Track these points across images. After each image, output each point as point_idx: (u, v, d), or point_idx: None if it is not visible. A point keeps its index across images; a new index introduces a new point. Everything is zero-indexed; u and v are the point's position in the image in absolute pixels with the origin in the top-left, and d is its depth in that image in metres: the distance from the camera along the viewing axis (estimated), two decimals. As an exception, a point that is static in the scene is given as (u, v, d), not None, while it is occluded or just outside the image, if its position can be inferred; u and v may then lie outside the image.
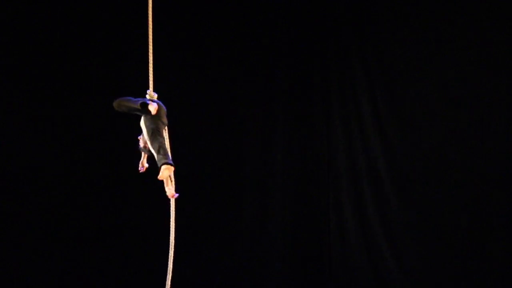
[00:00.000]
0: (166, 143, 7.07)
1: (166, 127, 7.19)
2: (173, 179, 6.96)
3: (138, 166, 7.44)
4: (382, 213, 10.20)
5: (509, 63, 9.75)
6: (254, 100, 10.56)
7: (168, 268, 7.29)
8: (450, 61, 10.01)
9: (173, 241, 7.28)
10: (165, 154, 6.85)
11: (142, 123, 7.21)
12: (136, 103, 7.03)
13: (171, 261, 7.28)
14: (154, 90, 7.27)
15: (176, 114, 7.71)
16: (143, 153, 7.40)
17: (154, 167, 6.96)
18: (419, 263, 10.02)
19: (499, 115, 9.80)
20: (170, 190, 6.97)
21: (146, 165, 7.41)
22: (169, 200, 7.27)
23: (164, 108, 7.17)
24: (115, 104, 7.10)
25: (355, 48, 10.43)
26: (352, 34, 10.43)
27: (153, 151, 6.99)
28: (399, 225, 10.13)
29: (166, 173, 6.80)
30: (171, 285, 7.34)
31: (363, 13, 10.39)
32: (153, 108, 6.96)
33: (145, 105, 6.97)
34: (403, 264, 10.09)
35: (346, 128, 10.47)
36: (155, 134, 7.02)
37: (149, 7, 7.33)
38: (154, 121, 7.06)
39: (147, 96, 7.22)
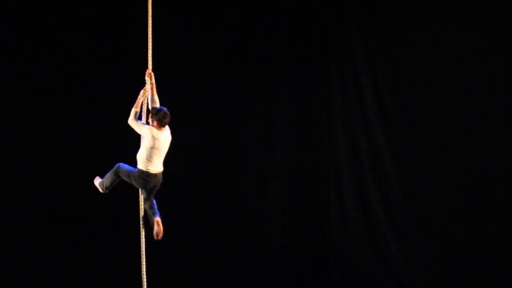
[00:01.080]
0: None
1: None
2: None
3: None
4: (384, 197, 10.25)
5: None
6: (254, 86, 10.47)
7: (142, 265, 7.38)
8: (453, 38, 9.97)
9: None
10: None
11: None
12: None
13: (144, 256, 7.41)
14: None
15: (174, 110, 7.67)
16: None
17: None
18: (420, 245, 10.07)
19: (505, 98, 9.80)
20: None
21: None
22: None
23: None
24: None
25: (356, 29, 10.36)
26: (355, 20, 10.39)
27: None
28: (401, 206, 10.17)
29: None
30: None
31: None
32: None
33: None
34: (404, 245, 10.15)
35: (346, 106, 10.45)
36: None
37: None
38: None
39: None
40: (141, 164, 7.28)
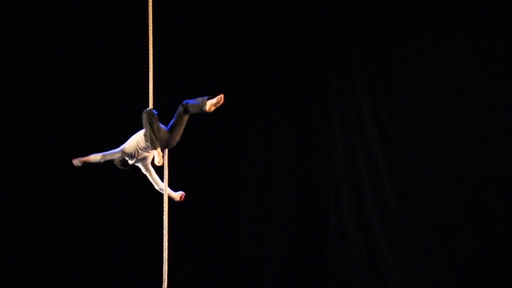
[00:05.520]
0: None
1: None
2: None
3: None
4: (382, 212, 10.25)
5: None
6: (255, 99, 10.54)
7: (164, 267, 7.37)
8: (451, 49, 10.00)
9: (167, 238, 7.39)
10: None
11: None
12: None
13: (166, 258, 7.36)
14: (154, 90, 7.21)
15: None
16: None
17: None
18: (418, 261, 10.07)
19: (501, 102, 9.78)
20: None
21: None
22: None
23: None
24: None
25: (356, 47, 10.41)
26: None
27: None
28: (398, 220, 10.18)
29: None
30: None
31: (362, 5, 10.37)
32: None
33: None
34: (401, 261, 10.16)
35: (345, 128, 10.47)
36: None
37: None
38: None
39: None
40: None
